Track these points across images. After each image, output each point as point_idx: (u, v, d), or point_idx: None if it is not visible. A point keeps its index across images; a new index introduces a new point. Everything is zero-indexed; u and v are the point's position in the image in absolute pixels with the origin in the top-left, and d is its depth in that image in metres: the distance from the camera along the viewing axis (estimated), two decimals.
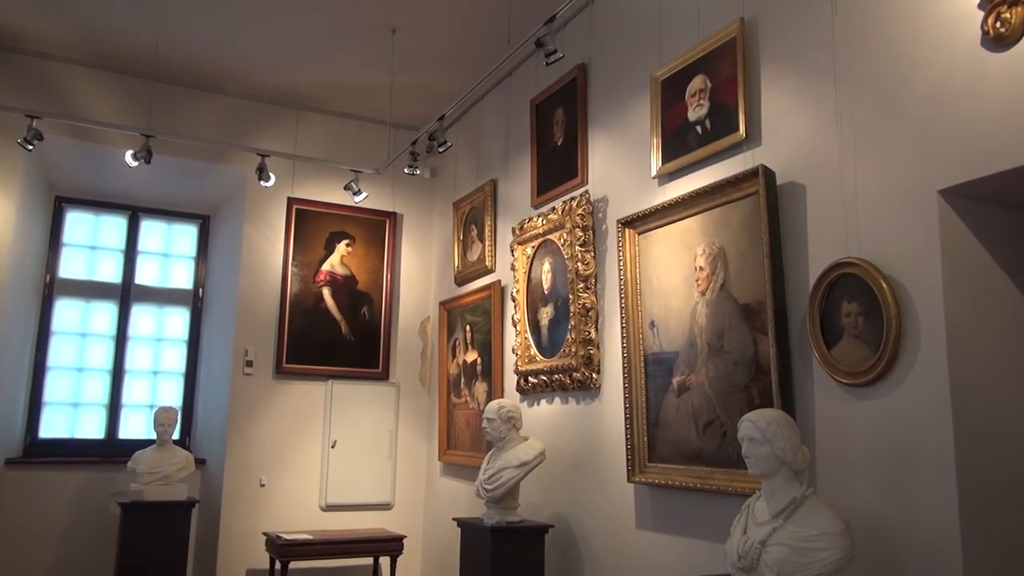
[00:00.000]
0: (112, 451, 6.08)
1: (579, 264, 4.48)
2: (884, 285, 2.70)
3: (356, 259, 6.53)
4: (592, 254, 4.48)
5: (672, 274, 3.78)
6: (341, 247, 6.48)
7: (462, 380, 5.93)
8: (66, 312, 6.32)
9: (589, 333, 4.40)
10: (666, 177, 3.92)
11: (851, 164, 2.93)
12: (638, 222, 4.00)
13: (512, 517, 4.41)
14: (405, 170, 5.55)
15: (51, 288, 6.27)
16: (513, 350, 5.15)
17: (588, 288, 4.45)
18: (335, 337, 6.36)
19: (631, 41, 4.36)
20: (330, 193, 6.40)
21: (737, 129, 3.46)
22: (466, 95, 5.08)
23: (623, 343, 4.02)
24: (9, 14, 5.19)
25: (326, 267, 6.42)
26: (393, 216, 6.71)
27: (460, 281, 6.15)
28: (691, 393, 3.60)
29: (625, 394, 3.98)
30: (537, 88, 5.21)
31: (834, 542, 2.39)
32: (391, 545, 5.81)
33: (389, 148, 6.00)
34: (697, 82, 3.73)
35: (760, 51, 3.42)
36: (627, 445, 3.93)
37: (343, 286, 6.45)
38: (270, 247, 6.29)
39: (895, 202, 2.75)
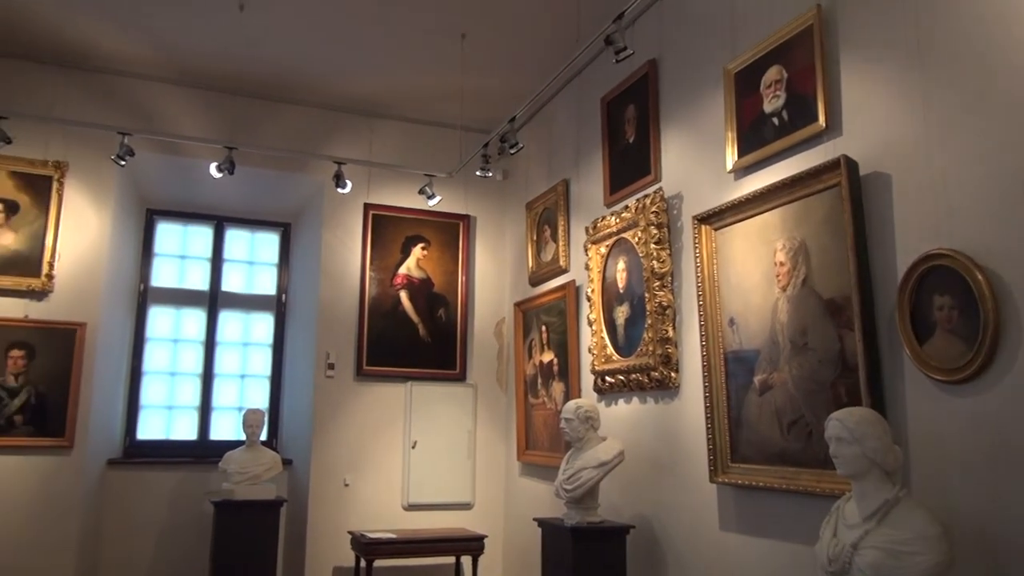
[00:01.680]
0: (204, 452, 6.33)
1: (654, 262, 4.43)
2: (980, 277, 2.57)
3: (431, 262, 6.62)
4: (667, 252, 4.42)
5: (751, 270, 3.70)
6: (417, 250, 6.57)
7: (539, 380, 5.94)
8: (159, 319, 6.63)
9: (666, 332, 4.35)
10: (742, 171, 3.84)
11: (940, 151, 2.80)
12: (714, 218, 3.93)
13: (592, 517, 4.39)
14: (477, 173, 5.59)
15: (145, 296, 6.58)
16: (589, 350, 5.13)
17: (664, 286, 4.40)
18: (413, 339, 6.46)
19: (702, 34, 4.29)
20: (405, 198, 6.50)
21: (816, 119, 3.36)
22: (536, 96, 5.08)
23: (702, 341, 3.96)
24: (101, 37, 5.46)
25: (402, 270, 6.52)
26: (466, 219, 6.77)
27: (534, 282, 6.16)
28: (774, 392, 3.52)
29: (705, 393, 3.92)
30: (607, 86, 5.18)
31: (931, 546, 2.30)
32: (472, 545, 5.86)
33: (461, 152, 6.06)
34: (772, 73, 3.65)
35: (839, 38, 3.32)
36: (708, 445, 3.87)
37: (420, 289, 6.54)
38: (348, 252, 6.43)
39: (989, 189, 2.62)
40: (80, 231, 5.72)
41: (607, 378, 4.89)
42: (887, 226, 3.01)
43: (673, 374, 4.32)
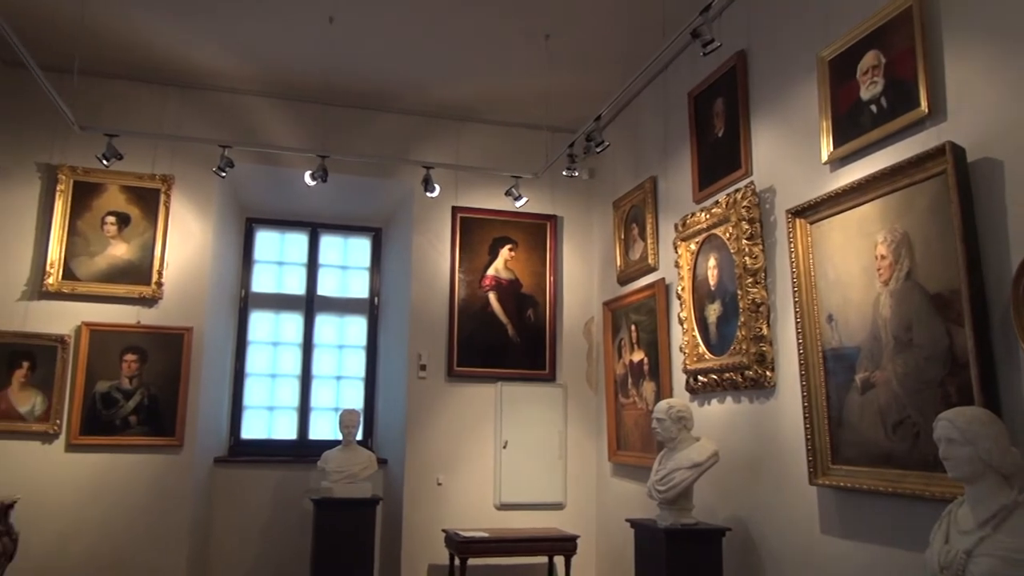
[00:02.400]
0: (304, 451, 6.56)
1: (747, 258, 4.32)
2: None
3: (519, 263, 6.65)
4: (760, 247, 4.31)
5: (850, 264, 3.56)
6: (504, 252, 6.62)
7: (629, 380, 5.88)
8: (259, 323, 6.90)
9: (761, 329, 4.23)
10: (838, 162, 3.71)
11: None
12: (809, 211, 3.80)
13: (687, 519, 4.31)
14: (564, 173, 5.58)
15: (246, 301, 6.87)
16: (681, 349, 5.05)
17: (757, 283, 4.28)
18: (502, 340, 6.51)
19: (793, 22, 4.16)
20: (492, 200, 6.56)
21: (918, 105, 3.21)
22: (621, 93, 5.03)
23: (798, 339, 3.84)
24: (202, 57, 5.73)
25: (491, 272, 6.58)
26: (554, 219, 6.77)
27: (623, 280, 6.10)
28: (877, 390, 3.38)
29: (803, 392, 3.79)
30: (694, 80, 5.08)
31: None
32: (565, 545, 5.86)
33: (547, 152, 6.06)
34: (869, 58, 3.50)
35: (941, 18, 3.16)
36: (807, 446, 3.75)
37: (508, 290, 6.58)
38: (437, 255, 6.53)
39: None
40: (186, 240, 6.02)
41: (699, 377, 4.80)
42: (998, 215, 2.85)
43: (768, 373, 4.20)
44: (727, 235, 4.53)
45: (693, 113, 5.10)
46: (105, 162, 5.19)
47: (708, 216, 4.74)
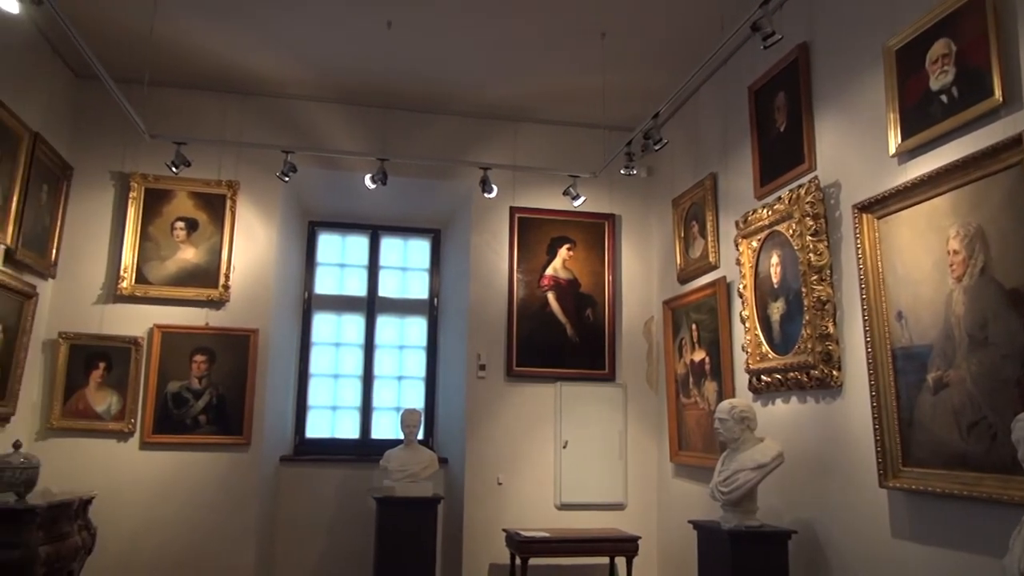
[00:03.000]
0: (366, 450, 6.66)
1: (811, 255, 4.22)
2: None
3: (578, 262, 6.63)
4: (825, 243, 4.21)
5: (920, 260, 3.45)
6: (563, 251, 6.61)
7: (690, 380, 5.81)
8: (322, 324, 7.04)
9: (826, 328, 4.13)
10: (907, 155, 3.59)
11: None
12: (876, 206, 3.70)
13: (751, 521, 4.24)
14: (621, 171, 5.55)
15: (309, 303, 7.01)
16: (743, 348, 4.96)
17: (823, 280, 4.18)
18: (561, 340, 6.49)
19: (857, 12, 4.05)
20: (550, 200, 6.55)
21: (992, 94, 3.09)
22: (680, 89, 4.97)
23: (866, 337, 3.74)
24: (265, 65, 5.87)
25: (549, 272, 6.57)
26: (612, 218, 6.73)
27: (683, 279, 6.03)
28: (950, 390, 3.26)
29: (872, 392, 3.69)
30: (755, 74, 4.99)
31: None
32: (626, 546, 5.82)
33: (605, 151, 6.03)
34: (939, 47, 3.39)
35: (1016, 3, 3.03)
36: (877, 447, 3.64)
37: (567, 289, 6.57)
38: (495, 255, 6.56)
39: None
40: (251, 244, 6.18)
41: (763, 377, 4.71)
42: None
43: (835, 372, 4.09)
44: (790, 231, 4.44)
45: (754, 108, 5.01)
46: (174, 169, 5.36)
47: (770, 212, 4.65)
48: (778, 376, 4.55)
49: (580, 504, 6.32)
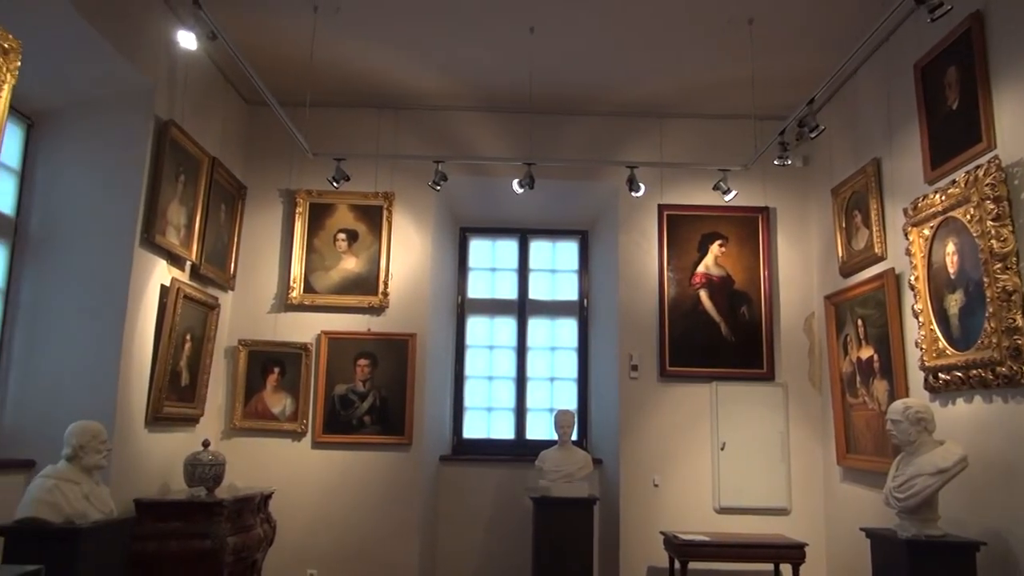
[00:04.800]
0: (521, 450, 6.77)
1: (993, 241, 3.88)
2: None
3: (731, 258, 6.43)
4: (1010, 228, 3.85)
5: None
6: (714, 248, 6.43)
7: (857, 379, 5.48)
8: (476, 327, 7.23)
9: (1014, 320, 3.78)
10: None
11: None
12: None
13: (932, 531, 3.94)
14: (775, 162, 5.33)
15: (463, 307, 7.22)
16: (916, 344, 4.62)
17: (1008, 268, 3.83)
18: (715, 338, 6.32)
19: None
20: (699, 195, 6.40)
21: None
22: (837, 71, 4.70)
23: None
24: (411, 78, 6.10)
25: (701, 269, 6.42)
26: (766, 211, 6.48)
27: (846, 272, 5.70)
28: None
29: None
30: (920, 50, 4.65)
31: None
32: (792, 552, 5.57)
33: (756, 142, 5.81)
34: None
35: None
36: None
37: (719, 287, 6.39)
38: (644, 254, 6.48)
39: None
40: (406, 252, 6.44)
41: (940, 375, 4.37)
42: None
43: None
44: (968, 217, 4.09)
45: (920, 86, 4.67)
46: (335, 184, 5.69)
47: (944, 197, 4.31)
48: (958, 374, 4.20)
49: (740, 508, 6.12)
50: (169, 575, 4.53)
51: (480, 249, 7.39)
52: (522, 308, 7.22)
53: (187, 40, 4.18)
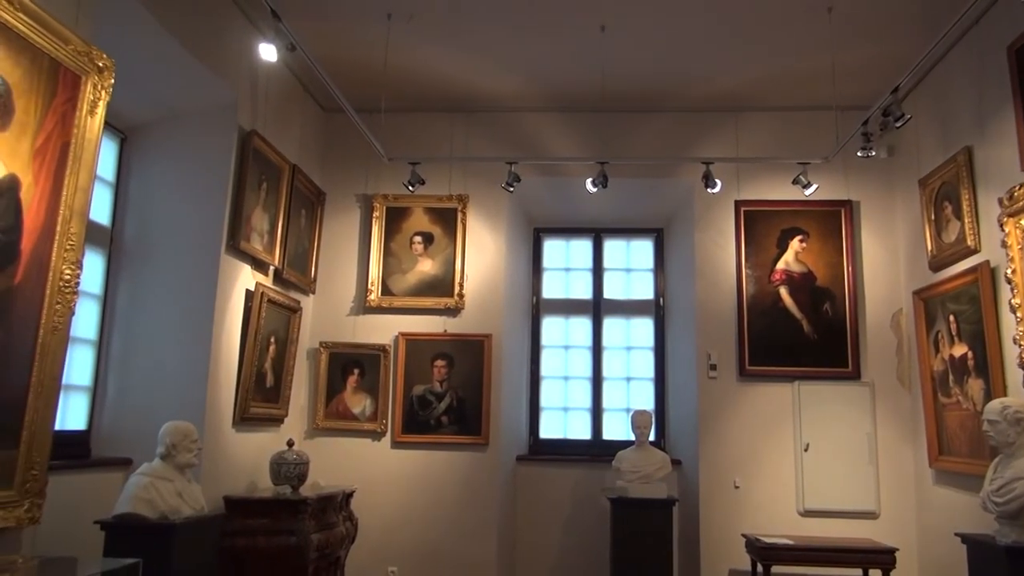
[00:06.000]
0: (598, 450, 6.74)
1: None
2: None
3: (812, 254, 6.25)
4: None
5: None
6: (795, 243, 6.26)
7: (950, 377, 5.25)
8: (551, 328, 7.23)
9: None
10: None
11: None
12: None
13: None
14: (858, 154, 5.15)
15: (538, 308, 7.23)
16: (1015, 340, 4.40)
17: None
18: (797, 337, 6.15)
19: None
20: (777, 190, 6.25)
21: None
22: (923, 58, 4.52)
23: None
24: (483, 80, 6.14)
25: (780, 265, 6.26)
26: (848, 204, 6.27)
27: (936, 266, 5.47)
28: None
29: None
30: (1014, 31, 4.43)
31: None
32: (881, 558, 5.37)
33: (837, 133, 5.63)
34: None
35: None
36: None
37: (801, 283, 6.21)
38: (721, 252, 6.36)
39: None
40: (481, 253, 6.49)
41: None
42: None
43: None
44: None
45: (1016, 69, 4.44)
46: (411, 188, 5.79)
47: None
48: None
49: (826, 511, 5.94)
50: (257, 570, 4.68)
51: (554, 249, 7.39)
52: (597, 308, 7.19)
53: (268, 52, 4.31)
